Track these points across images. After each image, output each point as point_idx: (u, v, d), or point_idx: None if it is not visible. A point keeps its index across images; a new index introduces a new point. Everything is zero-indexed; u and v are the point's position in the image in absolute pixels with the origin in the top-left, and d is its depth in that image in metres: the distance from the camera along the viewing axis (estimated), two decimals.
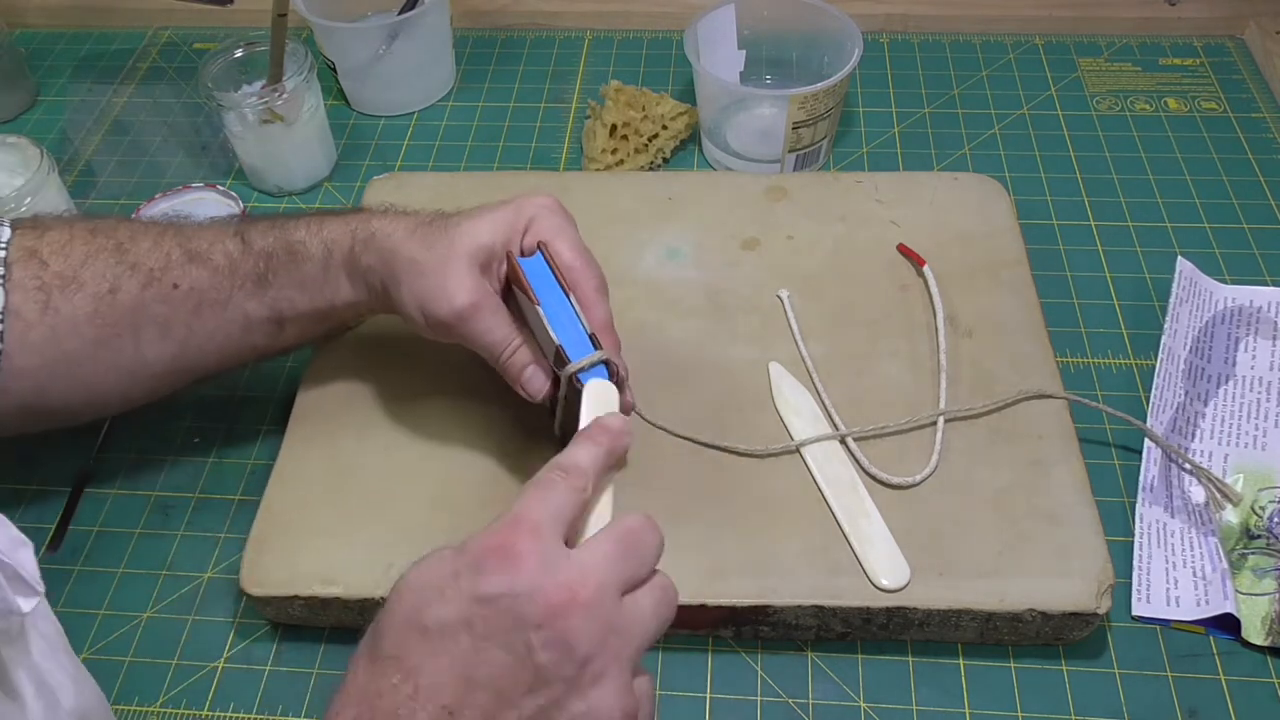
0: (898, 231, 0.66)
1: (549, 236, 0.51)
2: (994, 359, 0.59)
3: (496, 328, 0.50)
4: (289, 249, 0.53)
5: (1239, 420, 0.59)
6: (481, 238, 0.50)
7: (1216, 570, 0.52)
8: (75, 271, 0.51)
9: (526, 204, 0.52)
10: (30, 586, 0.33)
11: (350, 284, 0.53)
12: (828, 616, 0.51)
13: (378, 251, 0.51)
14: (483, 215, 0.51)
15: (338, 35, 0.80)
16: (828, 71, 0.73)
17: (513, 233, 0.51)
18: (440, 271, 0.49)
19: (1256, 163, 0.75)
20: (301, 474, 0.56)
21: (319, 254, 0.53)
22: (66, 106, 0.87)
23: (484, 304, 0.49)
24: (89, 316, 0.51)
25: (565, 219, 0.52)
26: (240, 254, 0.53)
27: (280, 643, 0.54)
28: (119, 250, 0.52)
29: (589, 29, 0.91)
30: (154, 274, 0.52)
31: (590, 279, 0.50)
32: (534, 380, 0.50)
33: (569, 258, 0.50)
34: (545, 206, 0.52)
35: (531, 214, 0.51)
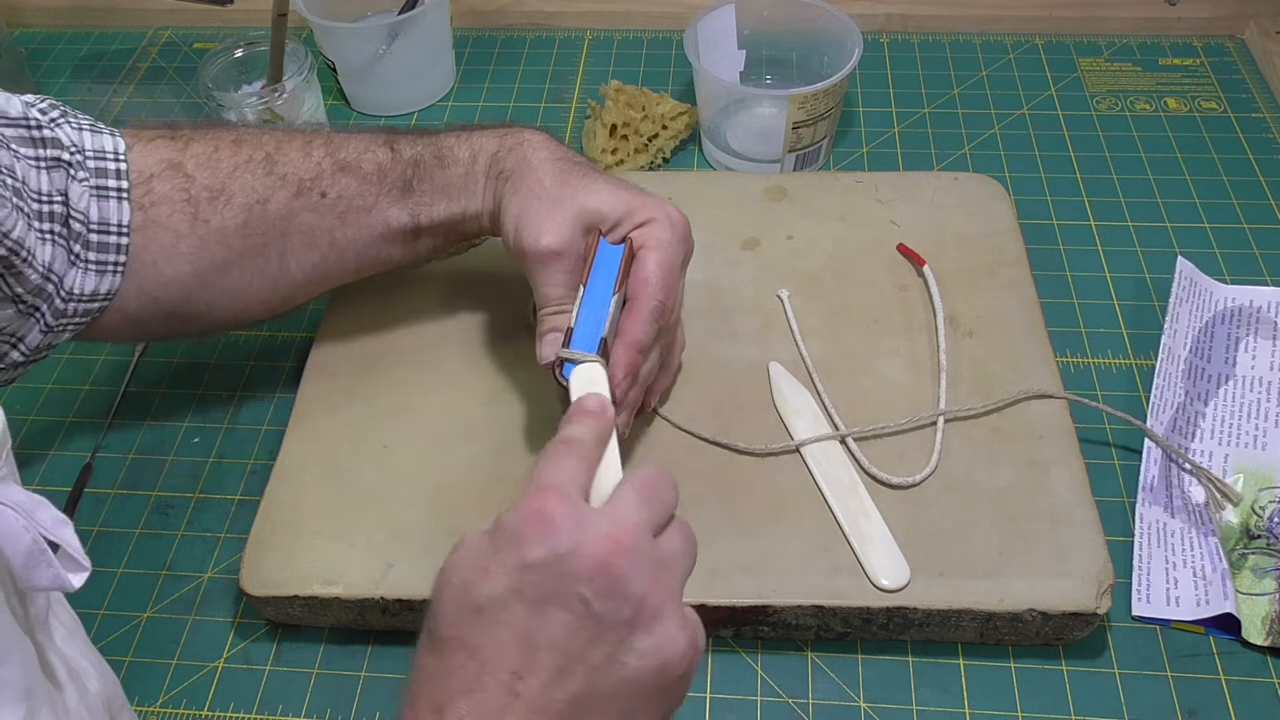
0: (898, 231, 0.66)
1: (651, 244, 0.50)
2: (994, 359, 0.59)
3: (559, 284, 0.50)
4: (438, 154, 0.54)
5: (1239, 420, 0.59)
6: (603, 203, 0.50)
7: (1216, 570, 0.52)
8: (224, 183, 0.52)
9: (658, 205, 0.51)
10: (78, 562, 0.33)
11: (484, 191, 0.54)
12: (828, 616, 0.51)
13: (517, 158, 0.52)
14: (617, 187, 0.52)
15: (338, 35, 0.80)
16: (828, 71, 0.73)
17: (628, 217, 0.51)
18: (551, 206, 0.50)
19: (1256, 163, 0.75)
20: (301, 474, 0.56)
21: (465, 158, 0.54)
22: None
23: (565, 257, 0.50)
24: (238, 227, 0.52)
25: (679, 239, 0.51)
26: (390, 161, 0.54)
27: (280, 643, 0.54)
28: (268, 161, 0.53)
29: (589, 29, 0.91)
30: (304, 184, 0.53)
31: (652, 300, 0.49)
32: (548, 345, 0.50)
33: (649, 271, 0.50)
34: (670, 218, 0.51)
35: (654, 215, 0.51)
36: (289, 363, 0.66)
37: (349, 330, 0.62)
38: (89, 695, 0.36)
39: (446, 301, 0.63)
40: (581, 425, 0.41)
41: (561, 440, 0.41)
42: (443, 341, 0.62)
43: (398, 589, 0.51)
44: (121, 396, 0.65)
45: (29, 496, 0.32)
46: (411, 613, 0.52)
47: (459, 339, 0.61)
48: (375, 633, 0.54)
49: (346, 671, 0.53)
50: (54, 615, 0.36)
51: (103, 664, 0.38)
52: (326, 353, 0.62)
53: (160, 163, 0.52)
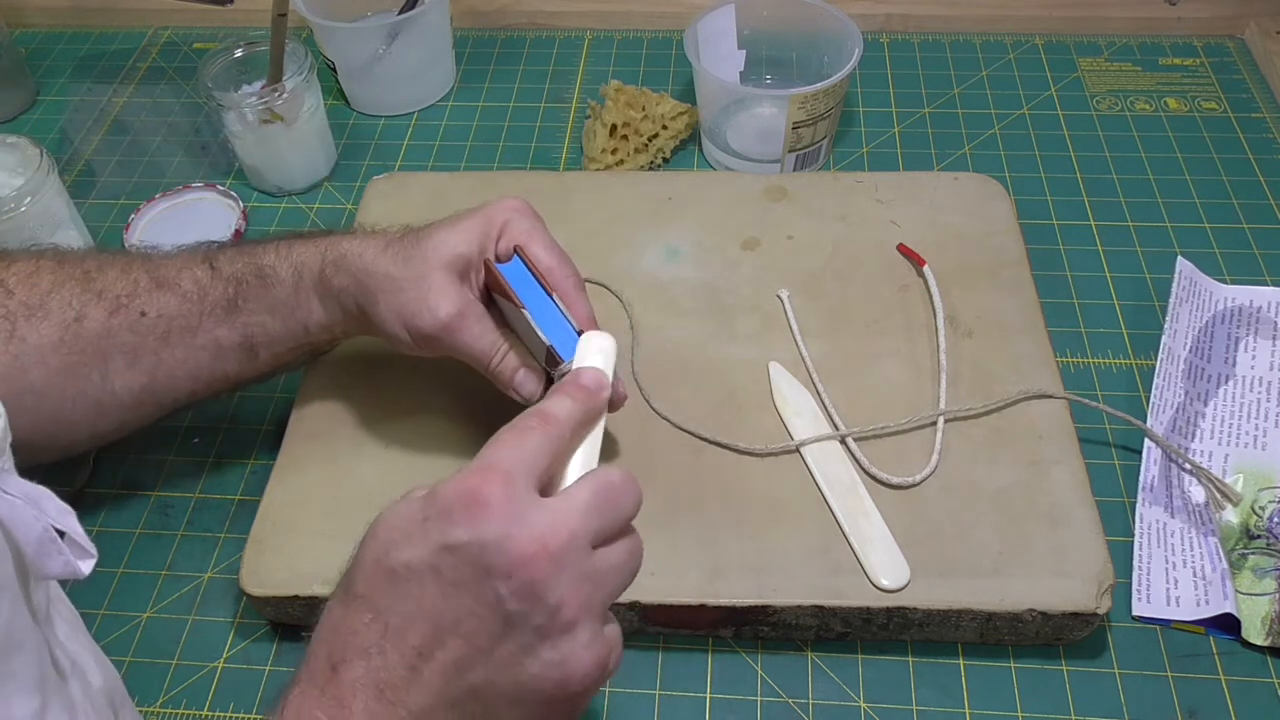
0: (898, 231, 0.66)
1: (523, 240, 0.51)
2: (994, 359, 0.59)
3: (483, 335, 0.50)
4: (258, 273, 0.53)
5: (1239, 420, 0.59)
6: (457, 247, 0.50)
7: (1216, 570, 0.52)
8: (41, 300, 0.50)
9: (496, 209, 0.52)
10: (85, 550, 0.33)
11: (323, 306, 0.53)
12: (828, 616, 0.51)
13: (350, 273, 0.51)
14: (454, 225, 0.51)
15: (338, 35, 0.80)
16: (828, 71, 0.73)
17: (486, 239, 0.51)
18: (419, 285, 0.49)
19: (1256, 163, 0.75)
20: (301, 474, 0.56)
21: (289, 277, 0.52)
22: (66, 106, 0.87)
23: (468, 312, 0.50)
24: (55, 345, 0.50)
25: (536, 221, 0.52)
26: (209, 280, 0.53)
27: (280, 643, 0.54)
28: (85, 278, 0.51)
29: (589, 29, 0.91)
30: (120, 301, 0.51)
31: (569, 277, 0.51)
32: (526, 383, 0.51)
33: (546, 259, 0.51)
34: (516, 210, 0.52)
35: (503, 219, 0.51)
36: None
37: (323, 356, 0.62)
38: (92, 689, 0.36)
39: None
40: (566, 401, 0.40)
41: (536, 413, 0.39)
42: None
43: None
44: None
45: (33, 488, 0.32)
46: None
47: None
48: None
49: None
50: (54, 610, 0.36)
51: (104, 659, 0.39)
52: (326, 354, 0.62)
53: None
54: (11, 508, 0.31)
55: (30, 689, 0.31)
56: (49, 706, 0.32)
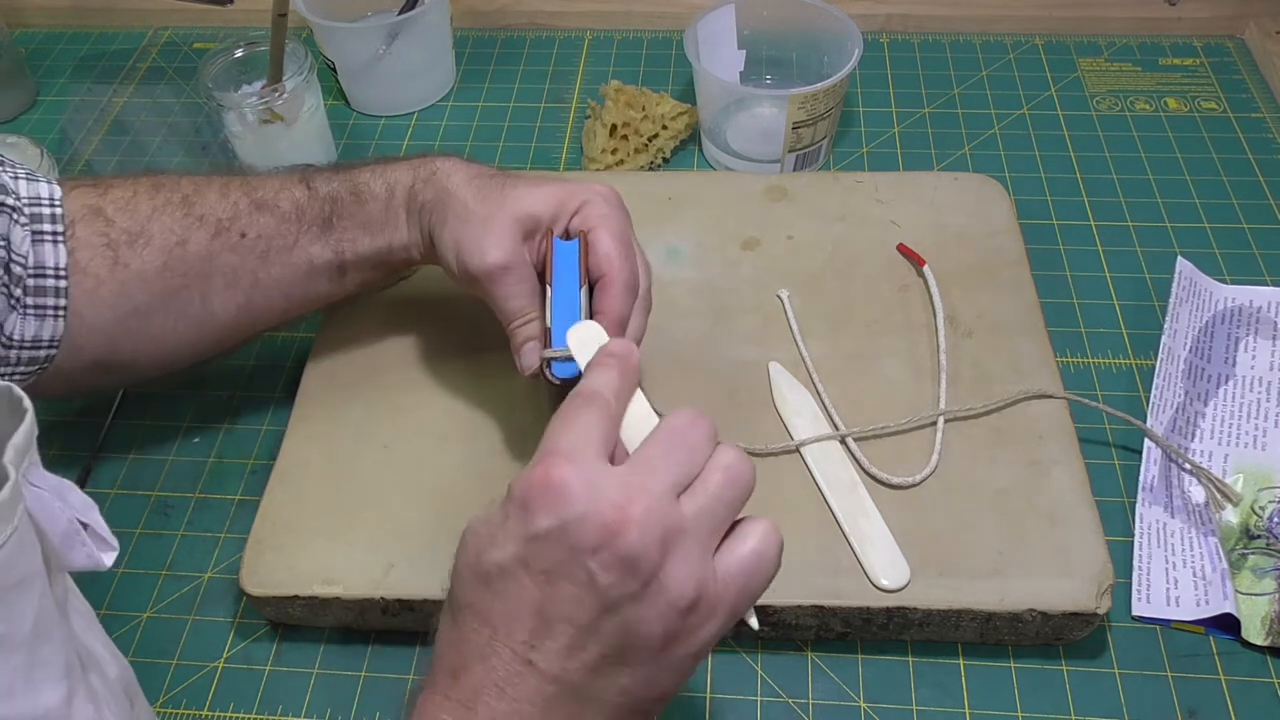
0: (898, 231, 0.66)
1: (595, 224, 0.50)
2: (994, 359, 0.59)
3: (518, 295, 0.50)
4: (354, 190, 0.54)
5: (1239, 420, 0.59)
6: (533, 205, 0.50)
7: (1216, 570, 0.52)
8: (143, 226, 0.52)
9: (584, 187, 0.52)
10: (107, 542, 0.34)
11: (408, 223, 0.54)
12: (828, 616, 0.51)
13: (435, 189, 0.52)
14: (540, 185, 0.51)
15: (338, 35, 0.80)
16: (828, 71, 0.73)
17: (562, 210, 0.51)
18: (484, 225, 0.50)
19: (1256, 163, 0.75)
20: (301, 474, 0.56)
21: (382, 193, 0.54)
22: (66, 106, 0.87)
23: (514, 269, 0.50)
24: (158, 270, 0.52)
25: (618, 212, 0.51)
26: (307, 199, 0.54)
27: (280, 643, 0.54)
28: (185, 203, 0.53)
29: (589, 29, 0.91)
30: (222, 224, 0.53)
31: (621, 274, 0.49)
32: (528, 355, 0.50)
33: (607, 248, 0.50)
34: (602, 195, 0.51)
35: (586, 197, 0.51)
36: (289, 363, 0.66)
37: (349, 330, 0.62)
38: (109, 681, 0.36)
39: (447, 302, 0.63)
40: (603, 373, 0.40)
41: (579, 394, 0.39)
42: (443, 342, 0.62)
43: (398, 589, 0.51)
44: (121, 397, 0.65)
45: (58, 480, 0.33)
46: (411, 613, 0.52)
47: (459, 339, 0.61)
48: (375, 633, 0.54)
49: (346, 671, 0.53)
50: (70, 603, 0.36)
51: (116, 652, 0.39)
52: (327, 353, 0.62)
53: (81, 209, 0.52)
54: (39, 499, 0.32)
55: (59, 677, 0.32)
56: (75, 694, 0.33)
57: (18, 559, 0.30)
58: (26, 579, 0.30)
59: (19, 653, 0.30)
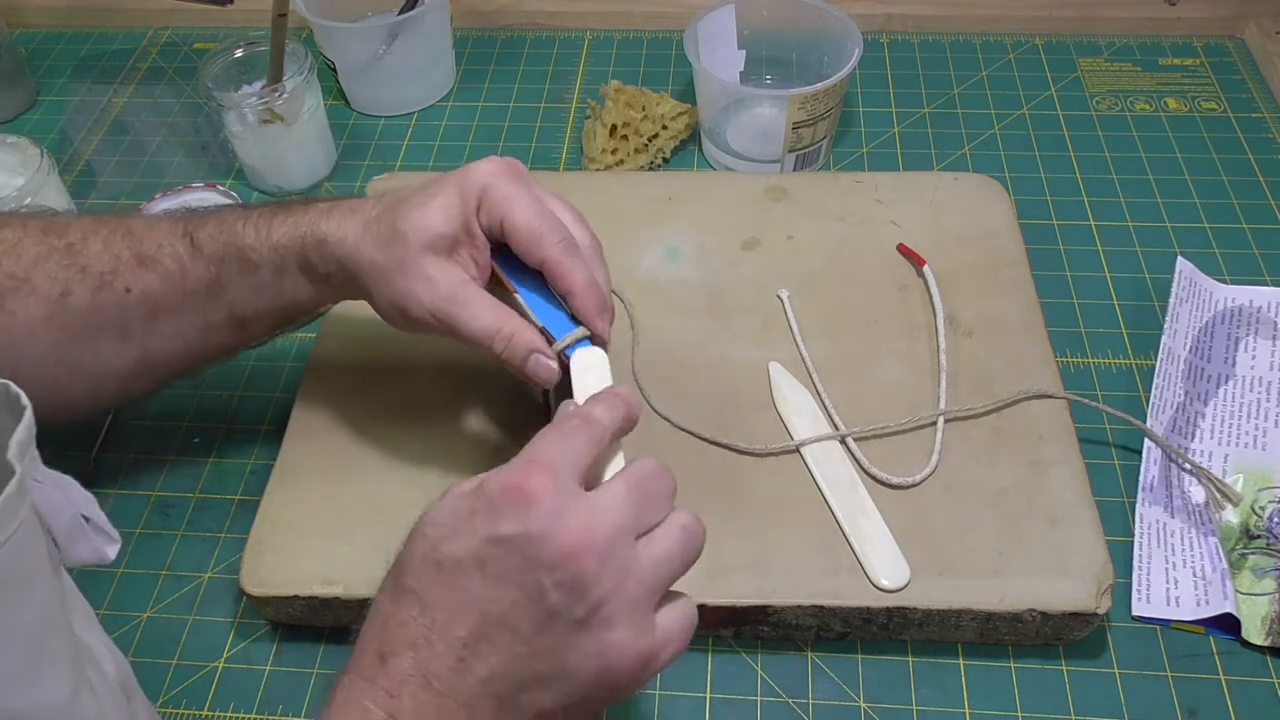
0: (898, 231, 0.66)
1: (503, 209, 0.47)
2: (994, 359, 0.59)
3: (479, 316, 0.47)
4: (239, 255, 0.50)
5: (1239, 420, 0.59)
6: (436, 226, 0.46)
7: (1216, 570, 0.52)
8: (27, 273, 0.49)
9: (469, 177, 0.47)
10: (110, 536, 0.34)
11: (311, 285, 0.50)
12: (828, 616, 0.51)
13: (334, 260, 0.48)
14: (429, 203, 0.47)
15: (338, 35, 0.80)
16: (828, 71, 0.73)
17: (466, 212, 0.47)
18: (403, 272, 0.47)
19: (1256, 163, 0.75)
20: (301, 474, 0.56)
21: (270, 261, 0.50)
22: (66, 106, 0.87)
23: (459, 295, 0.47)
24: (44, 321, 0.49)
25: (516, 181, 0.47)
26: (190, 258, 0.50)
27: (280, 643, 0.54)
28: (69, 251, 0.50)
29: (589, 29, 0.91)
30: (104, 278, 0.50)
31: (554, 243, 0.46)
32: (542, 368, 0.47)
33: (527, 229, 0.46)
34: (491, 174, 0.47)
35: (480, 185, 0.47)
36: (289, 363, 0.66)
37: (350, 330, 0.62)
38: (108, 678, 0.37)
39: None
40: (609, 408, 0.41)
41: (579, 415, 0.40)
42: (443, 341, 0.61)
43: None
44: None
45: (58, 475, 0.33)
46: None
47: None
48: None
49: None
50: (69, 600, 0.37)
51: (115, 649, 0.39)
52: (327, 353, 0.62)
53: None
54: (43, 494, 0.32)
55: (65, 671, 0.32)
56: (80, 688, 0.33)
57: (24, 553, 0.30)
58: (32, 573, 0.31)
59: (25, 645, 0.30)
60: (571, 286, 0.46)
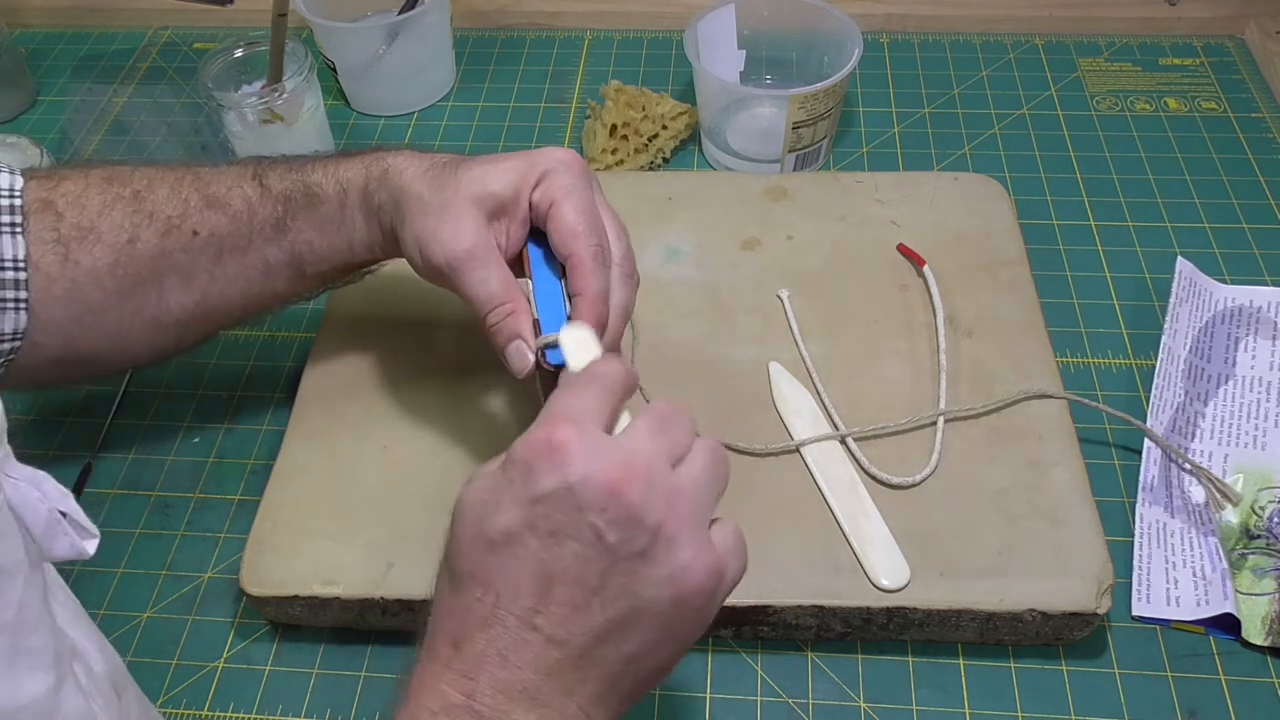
0: (898, 231, 0.66)
1: (558, 196, 0.47)
2: (994, 359, 0.59)
3: (486, 280, 0.47)
4: (306, 191, 0.52)
5: (1239, 420, 0.59)
6: (491, 185, 0.47)
7: (1216, 570, 0.52)
8: (92, 222, 0.50)
9: (542, 156, 0.48)
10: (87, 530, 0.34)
11: (365, 223, 0.52)
12: (828, 616, 0.51)
13: (389, 188, 0.50)
14: (496, 162, 0.49)
15: (338, 35, 0.80)
16: (828, 71, 0.73)
17: (523, 184, 0.48)
18: (442, 213, 0.47)
19: (1256, 163, 0.75)
20: (301, 474, 0.56)
21: (335, 194, 0.52)
22: (66, 106, 0.87)
23: (479, 254, 0.47)
24: (109, 268, 0.51)
25: (581, 177, 0.48)
26: (258, 199, 0.52)
27: (280, 643, 0.54)
28: (136, 199, 0.51)
29: (589, 29, 0.91)
30: (172, 222, 0.51)
31: (588, 246, 0.47)
32: (516, 357, 0.47)
33: (571, 221, 0.47)
34: (562, 161, 0.48)
35: (546, 167, 0.48)
36: (289, 363, 0.66)
37: (349, 330, 0.62)
38: (95, 676, 0.36)
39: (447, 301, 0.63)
40: (611, 364, 0.41)
41: (585, 373, 0.40)
42: (443, 341, 0.62)
43: (398, 589, 0.51)
44: (121, 396, 0.65)
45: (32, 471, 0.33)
46: (411, 613, 0.51)
47: (459, 339, 0.61)
48: (375, 633, 0.54)
49: (346, 671, 0.53)
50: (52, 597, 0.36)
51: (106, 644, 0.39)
52: (327, 352, 0.62)
53: (34, 201, 0.50)
54: (17, 490, 0.31)
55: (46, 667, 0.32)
56: (64, 685, 0.32)
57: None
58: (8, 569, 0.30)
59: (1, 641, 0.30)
60: (583, 290, 0.46)
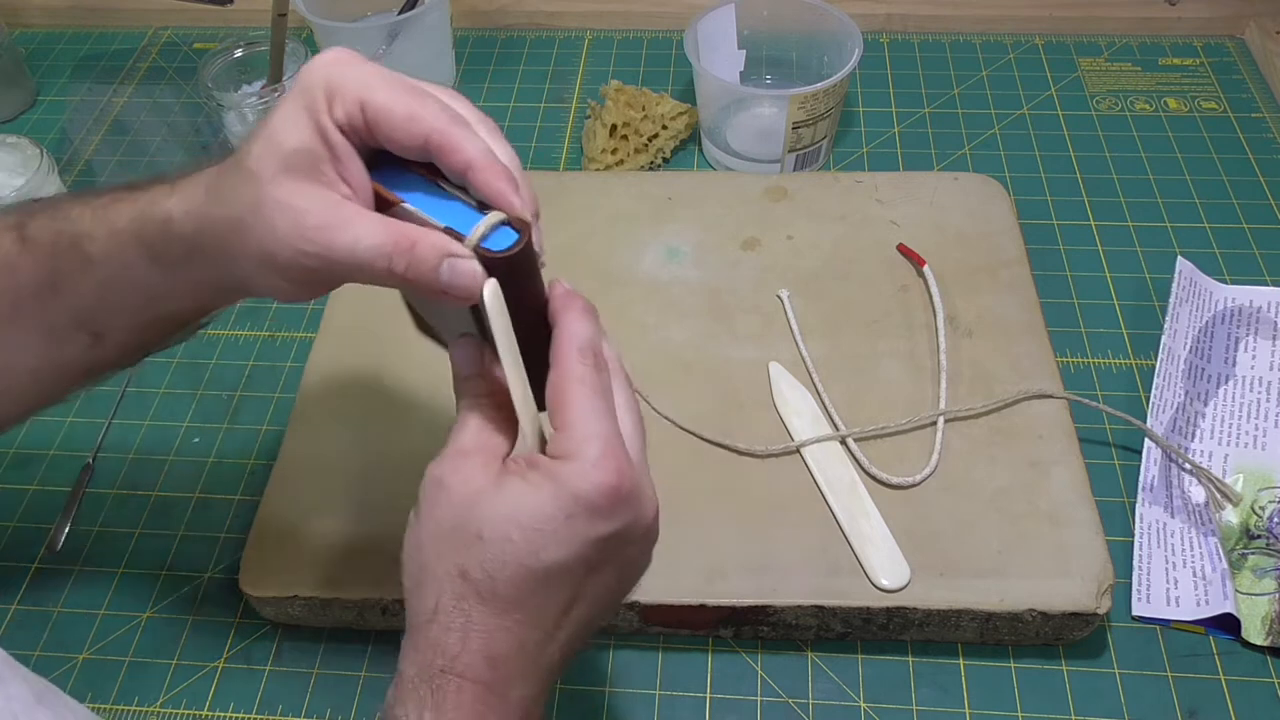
0: (898, 231, 0.66)
1: (361, 95, 0.36)
2: (994, 359, 0.59)
3: (365, 235, 0.36)
4: (74, 245, 0.41)
5: (1239, 420, 0.59)
6: (286, 143, 0.36)
7: (1216, 570, 0.52)
8: None
9: (310, 74, 0.37)
10: None
11: (167, 279, 0.40)
12: (828, 616, 0.51)
13: (182, 241, 0.39)
14: (271, 120, 0.37)
15: (338, 35, 0.80)
16: (828, 71, 0.73)
17: (316, 116, 0.36)
18: (259, 214, 0.36)
19: (1256, 163, 0.75)
20: (301, 474, 0.56)
21: (111, 251, 0.40)
22: (66, 106, 0.87)
23: (333, 217, 0.36)
24: None
25: (365, 65, 0.37)
26: (18, 253, 0.41)
27: (280, 643, 0.54)
28: None
29: (589, 29, 0.91)
30: None
31: (434, 114, 0.36)
32: (458, 273, 0.36)
33: (397, 110, 0.36)
34: (335, 63, 0.37)
35: (324, 80, 0.37)
36: (289, 363, 0.66)
37: (349, 330, 0.62)
38: None
39: None
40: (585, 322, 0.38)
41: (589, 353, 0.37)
42: None
43: (398, 589, 0.51)
44: (121, 396, 0.65)
45: None
46: None
47: None
48: (375, 633, 0.54)
49: (346, 671, 0.53)
50: None
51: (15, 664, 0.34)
52: (327, 352, 0.62)
53: None
54: None
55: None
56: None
57: None
58: None
59: None
60: (468, 159, 0.36)
